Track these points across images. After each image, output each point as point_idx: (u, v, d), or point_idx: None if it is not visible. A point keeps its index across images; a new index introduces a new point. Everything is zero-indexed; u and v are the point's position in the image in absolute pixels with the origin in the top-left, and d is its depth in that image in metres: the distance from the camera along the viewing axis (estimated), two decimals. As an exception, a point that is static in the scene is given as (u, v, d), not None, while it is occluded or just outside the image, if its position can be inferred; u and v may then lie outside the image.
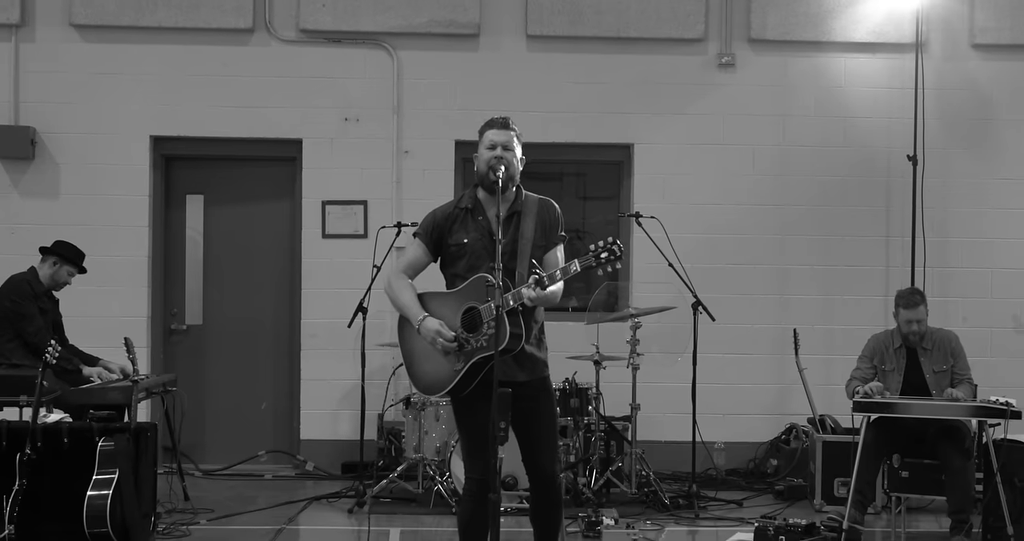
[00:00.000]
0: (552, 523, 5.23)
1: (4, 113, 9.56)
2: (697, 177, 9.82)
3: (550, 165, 10.02)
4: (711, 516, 7.91)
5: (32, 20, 9.66)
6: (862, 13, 9.76)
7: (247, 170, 10.12)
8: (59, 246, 7.84)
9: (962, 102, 9.87)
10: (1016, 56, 9.83)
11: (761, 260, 9.82)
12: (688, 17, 9.64)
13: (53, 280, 7.76)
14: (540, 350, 5.13)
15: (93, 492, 6.39)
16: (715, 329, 8.86)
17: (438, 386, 5.04)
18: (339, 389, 9.56)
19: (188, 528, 7.27)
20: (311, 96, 9.80)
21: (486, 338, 4.87)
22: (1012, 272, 9.79)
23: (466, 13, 9.62)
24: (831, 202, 9.84)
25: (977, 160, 9.84)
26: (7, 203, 9.56)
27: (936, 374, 7.30)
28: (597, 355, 8.41)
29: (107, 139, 9.72)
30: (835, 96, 9.88)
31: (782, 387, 9.45)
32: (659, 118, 9.84)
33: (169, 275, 10.01)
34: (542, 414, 5.16)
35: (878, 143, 9.83)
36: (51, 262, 7.76)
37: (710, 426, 9.11)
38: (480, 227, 5.13)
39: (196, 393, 9.48)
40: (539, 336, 5.15)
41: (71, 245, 7.90)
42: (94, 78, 9.69)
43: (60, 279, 7.78)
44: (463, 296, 5.01)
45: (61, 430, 6.57)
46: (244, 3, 9.61)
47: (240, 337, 10.03)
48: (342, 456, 9.45)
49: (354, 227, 9.78)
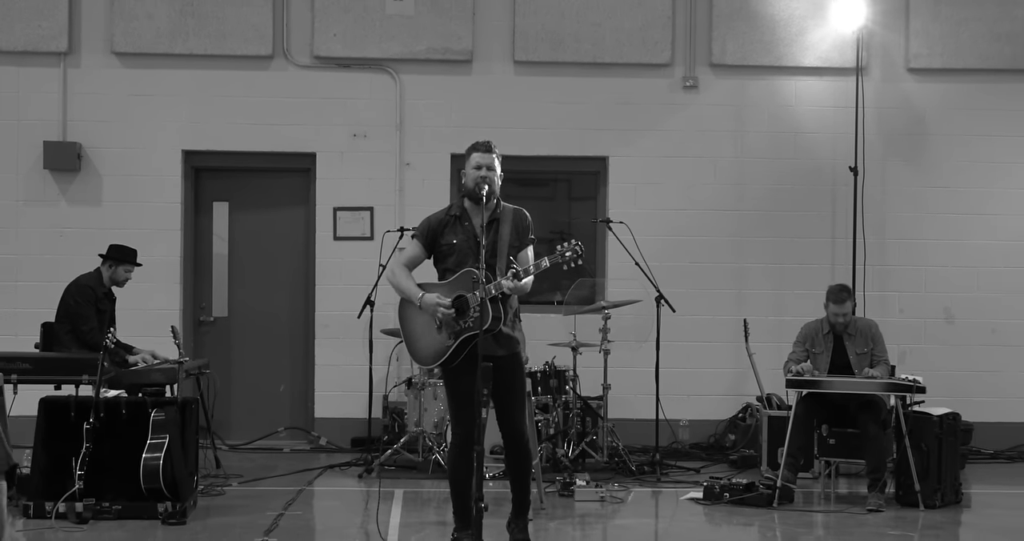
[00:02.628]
0: (523, 469, 6.37)
1: (54, 130, 10.26)
2: (664, 186, 10.56)
3: (536, 175, 10.78)
4: (671, 480, 8.99)
5: (78, 48, 10.35)
6: (810, 41, 10.50)
7: (267, 180, 10.78)
8: (112, 250, 8.61)
9: (898, 119, 10.63)
10: (946, 79, 10.58)
11: (721, 259, 10.58)
12: (656, 45, 10.47)
13: (112, 280, 8.57)
14: (515, 331, 6.29)
15: (148, 455, 7.28)
16: (679, 320, 9.67)
17: (432, 358, 6.20)
18: (349, 373, 10.20)
19: (223, 488, 8.29)
20: (324, 114, 10.47)
21: (472, 320, 6.05)
22: (943, 269, 10.59)
23: (460, 42, 10.42)
24: (782, 208, 10.58)
25: (912, 171, 10.61)
26: (57, 210, 10.28)
27: (859, 356, 8.40)
28: (574, 342, 9.39)
29: (144, 153, 10.39)
30: (786, 114, 10.60)
31: (739, 371, 10.17)
32: (631, 134, 10.57)
33: (198, 273, 10.72)
34: (515, 384, 6.33)
35: (824, 156, 10.57)
36: (108, 265, 8.56)
37: (675, 406, 10.03)
38: (467, 231, 6.27)
39: (222, 377, 10.17)
40: (514, 320, 6.30)
41: (122, 247, 8.65)
42: (132, 99, 10.37)
43: (119, 278, 8.59)
44: (453, 286, 6.17)
45: (120, 403, 7.48)
46: (265, 33, 10.33)
47: (261, 328, 10.75)
48: (352, 432, 10.23)
49: (362, 230, 10.51)
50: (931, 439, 8.05)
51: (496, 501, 7.45)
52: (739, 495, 8.02)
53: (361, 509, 8.01)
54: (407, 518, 7.51)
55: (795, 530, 7.48)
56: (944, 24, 10.59)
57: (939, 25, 10.59)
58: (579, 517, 7.75)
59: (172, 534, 7.01)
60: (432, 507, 7.95)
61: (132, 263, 8.69)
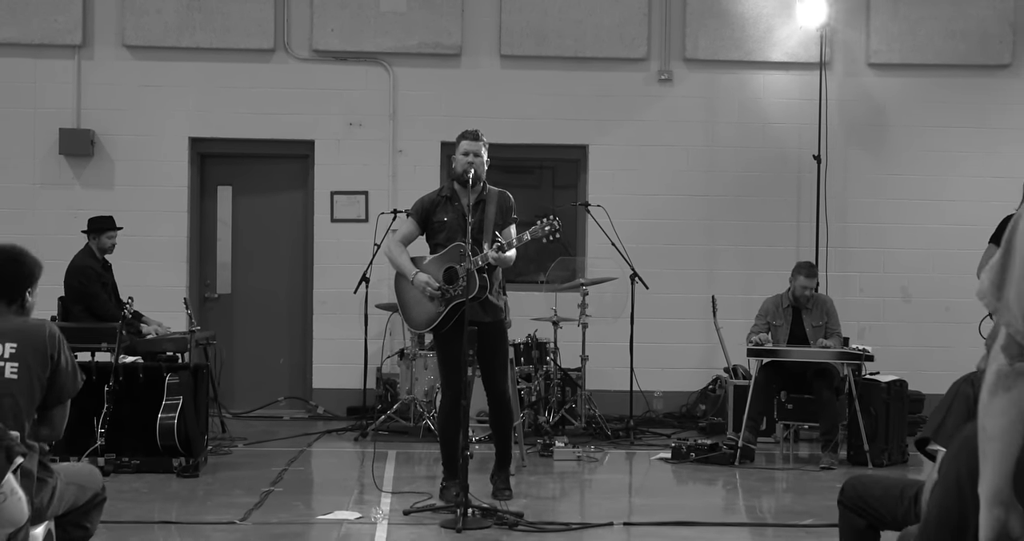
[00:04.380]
0: (505, 426, 7.09)
1: (69, 118, 10.77)
2: (640, 172, 11.10)
3: (522, 162, 11.36)
4: (644, 443, 9.69)
5: (92, 42, 10.84)
6: (777, 38, 11.04)
7: (268, 165, 11.27)
8: (91, 223, 9.19)
9: (859, 111, 11.17)
10: (904, 73, 11.16)
11: (692, 241, 11.12)
12: (634, 40, 11.06)
13: (101, 249, 9.16)
14: (499, 300, 7.01)
15: (163, 415, 7.94)
16: (654, 298, 10.29)
17: (425, 324, 6.92)
18: (344, 347, 10.59)
19: (229, 449, 8.98)
20: (322, 104, 10.95)
21: (461, 288, 6.76)
22: (901, 251, 11.14)
23: (450, 37, 10.96)
24: (750, 193, 11.12)
25: (871, 159, 11.18)
26: (71, 193, 10.78)
27: (814, 328, 9.11)
28: (555, 316, 10.04)
29: (153, 140, 10.86)
30: (755, 106, 11.12)
31: (709, 346, 10.66)
32: (609, 124, 11.10)
33: (203, 252, 11.22)
34: (498, 348, 7.05)
35: (790, 145, 11.09)
36: (93, 237, 9.15)
37: (650, 378, 10.64)
38: (456, 210, 6.98)
39: (225, 350, 10.59)
40: (499, 290, 7.02)
41: (99, 217, 9.21)
42: (142, 89, 10.84)
43: (105, 245, 9.17)
44: (444, 259, 6.88)
45: (137, 368, 8.10)
46: (267, 28, 10.85)
47: (262, 304, 11.26)
48: (347, 401, 10.76)
49: (357, 213, 11.00)
50: (879, 404, 8.77)
51: (481, 460, 8.12)
52: (704, 454, 8.76)
53: (357, 466, 8.73)
54: (400, 473, 8.21)
55: (755, 485, 8.18)
56: (902, 22, 11.16)
57: (898, 23, 11.17)
58: (558, 474, 8.44)
59: (186, 485, 7.69)
60: (423, 465, 8.62)
61: (112, 229, 9.20)
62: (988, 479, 2.46)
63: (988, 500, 2.46)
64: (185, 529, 6.48)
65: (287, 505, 7.09)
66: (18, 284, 4.30)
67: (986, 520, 2.47)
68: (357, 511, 6.88)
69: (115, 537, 6.06)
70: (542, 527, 6.52)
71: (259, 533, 6.37)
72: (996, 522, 2.47)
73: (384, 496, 7.31)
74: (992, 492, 2.46)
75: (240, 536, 6.29)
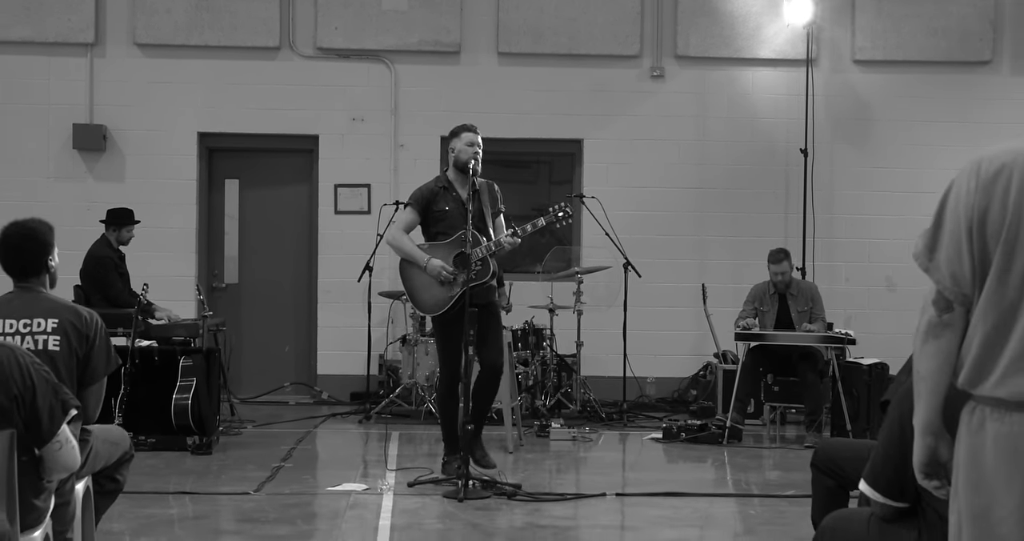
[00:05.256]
0: (489, 395, 7.41)
1: (82, 114, 11.09)
2: (634, 166, 11.41)
3: (519, 155, 11.70)
4: (636, 425, 10.10)
5: (104, 40, 11.16)
6: (766, 35, 11.38)
7: (274, 159, 11.59)
8: (111, 215, 9.47)
9: (845, 106, 11.50)
10: (888, 70, 11.49)
11: (683, 232, 11.46)
12: (627, 38, 11.38)
13: (119, 241, 9.46)
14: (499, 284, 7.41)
15: (178, 395, 8.34)
16: (647, 287, 10.66)
17: (435, 307, 7.26)
18: (348, 334, 10.98)
19: (239, 430, 9.37)
20: (325, 100, 11.25)
21: (475, 272, 7.11)
22: (885, 242, 11.38)
23: (449, 35, 11.29)
24: (739, 186, 11.44)
25: (857, 152, 11.51)
26: (84, 186, 11.09)
27: (799, 313, 9.49)
28: (551, 304, 10.41)
29: (163, 135, 11.16)
30: (744, 101, 11.46)
31: (700, 333, 10.93)
32: (603, 118, 11.41)
33: (211, 243, 11.54)
34: (497, 326, 7.45)
35: (777, 139, 11.41)
36: (112, 229, 9.45)
37: (643, 364, 10.96)
38: (456, 200, 7.35)
39: (233, 337, 10.92)
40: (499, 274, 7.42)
41: (118, 210, 9.49)
42: (153, 86, 11.16)
43: (124, 238, 9.48)
44: (452, 246, 7.25)
45: (153, 351, 8.50)
46: (272, 26, 11.17)
47: (269, 293, 11.58)
48: (351, 387, 11.09)
49: (360, 205, 11.31)
50: (861, 386, 9.16)
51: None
52: (693, 434, 9.15)
53: (362, 445, 9.14)
54: (403, 451, 8.60)
55: (741, 461, 8.57)
56: (886, 20, 11.52)
57: (882, 21, 11.52)
58: (554, 452, 8.83)
59: (200, 462, 8.09)
60: (425, 444, 9.00)
61: (132, 222, 9.52)
62: (920, 413, 2.86)
63: (921, 430, 2.86)
64: (202, 498, 6.88)
65: (297, 478, 7.49)
66: (38, 258, 4.52)
67: (919, 447, 2.87)
68: (364, 484, 7.27)
69: (136, 505, 6.44)
70: (539, 497, 6.93)
71: (272, 502, 6.76)
72: (927, 449, 2.87)
73: (389, 471, 7.69)
74: (924, 423, 2.86)
75: (255, 505, 6.68)
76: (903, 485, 3.11)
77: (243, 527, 6.21)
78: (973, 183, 2.76)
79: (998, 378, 2.69)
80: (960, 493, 2.76)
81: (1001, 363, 2.69)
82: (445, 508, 6.66)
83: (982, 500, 2.71)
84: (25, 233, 4.50)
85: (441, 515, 6.50)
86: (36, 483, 3.85)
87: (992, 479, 2.68)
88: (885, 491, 3.33)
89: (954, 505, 2.79)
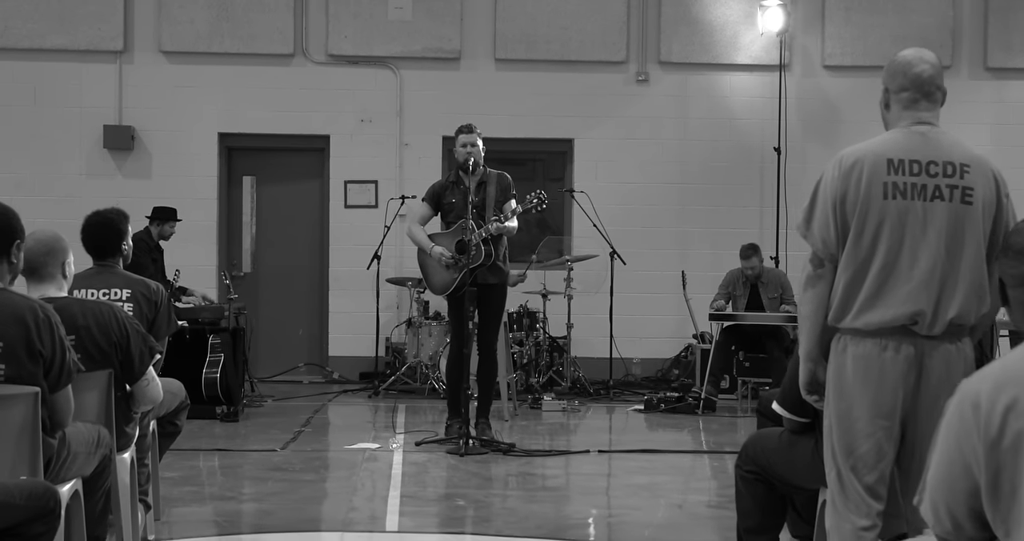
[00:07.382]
0: (489, 376, 8.33)
1: (112, 116, 11.86)
2: (620, 163, 12.17)
3: (515, 154, 12.41)
4: (621, 399, 11.03)
5: (132, 48, 11.92)
6: (742, 43, 12.17)
7: (288, 157, 12.31)
8: (157, 211, 10.25)
9: (815, 108, 12.27)
10: (856, 74, 12.17)
11: (666, 224, 12.22)
12: (614, 45, 12.18)
13: (160, 235, 10.24)
14: (504, 266, 8.25)
15: (208, 370, 9.25)
16: (632, 275, 11.48)
17: (443, 289, 8.19)
18: (357, 319, 11.71)
19: (261, 403, 10.28)
20: (336, 103, 11.95)
21: (472, 256, 8.05)
22: None
23: (450, 43, 12.08)
24: (718, 182, 12.21)
25: (826, 151, 11.64)
26: (114, 182, 11.81)
27: (770, 300, 10.38)
28: (544, 289, 11.28)
29: (186, 135, 11.86)
30: (722, 104, 12.23)
31: (682, 318, 11.67)
32: (593, 120, 12.15)
33: (230, 235, 12.30)
34: (497, 307, 8.36)
35: (753, 138, 12.16)
36: (156, 224, 10.21)
37: (629, 346, 11.77)
38: (462, 192, 8.26)
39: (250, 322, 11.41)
40: (504, 257, 8.26)
41: (164, 208, 10.25)
42: (177, 90, 11.88)
43: (166, 233, 10.26)
44: (455, 233, 8.17)
45: (184, 330, 9.28)
46: (287, 35, 11.94)
47: (283, 281, 12.33)
48: (360, 368, 11.88)
49: (368, 199, 12.04)
50: (823, 361, 10.06)
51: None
52: (671, 405, 10.09)
53: (372, 414, 10.11)
54: (410, 419, 9.56)
55: (714, 428, 9.54)
56: (854, 28, 12.33)
57: (850, 29, 12.35)
58: (546, 421, 9.78)
59: (229, 428, 9.04)
60: (430, 415, 9.90)
61: (174, 219, 10.31)
62: (803, 344, 3.84)
63: (804, 357, 3.84)
64: (235, 454, 7.85)
65: (318, 439, 8.49)
66: (113, 242, 5.38)
67: (803, 370, 3.85)
68: (376, 443, 8.23)
69: (177, 459, 7.37)
70: (531, 452, 7.89)
71: (298, 457, 7.73)
72: (808, 372, 3.85)
73: (398, 434, 8.65)
74: (806, 352, 3.84)
75: (282, 459, 7.65)
76: (804, 404, 4.07)
77: (273, 474, 7.17)
78: (836, 172, 3.73)
79: (854, 314, 3.67)
80: (830, 400, 3.75)
81: (857, 303, 3.67)
82: (448, 461, 7.62)
83: (844, 404, 3.70)
84: (103, 221, 5.37)
85: (445, 467, 7.47)
86: (127, 413, 4.82)
87: (851, 388, 3.68)
88: (791, 409, 4.31)
89: (827, 410, 3.78)
